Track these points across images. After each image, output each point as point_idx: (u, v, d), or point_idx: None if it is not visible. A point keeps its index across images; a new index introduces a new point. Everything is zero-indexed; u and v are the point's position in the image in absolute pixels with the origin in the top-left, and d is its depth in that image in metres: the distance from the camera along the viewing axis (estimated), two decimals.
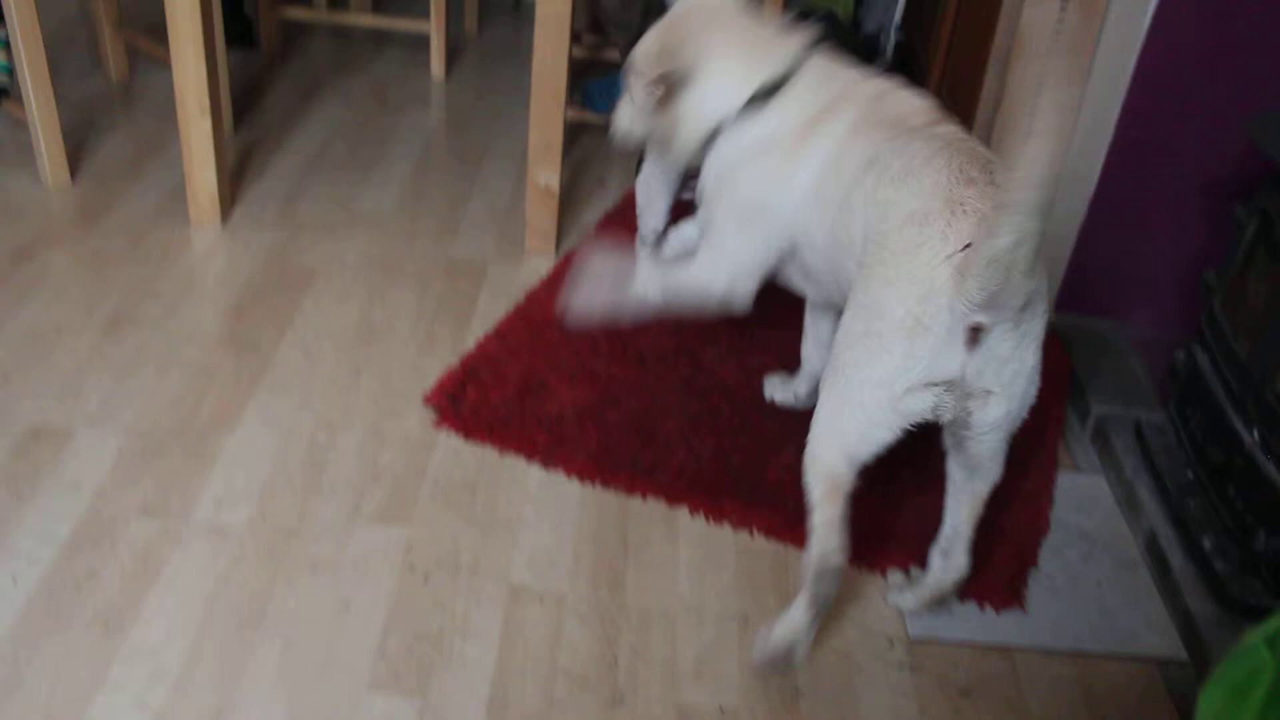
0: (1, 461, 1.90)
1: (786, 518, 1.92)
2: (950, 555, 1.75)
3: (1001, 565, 1.87)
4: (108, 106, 3.15)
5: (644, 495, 1.98)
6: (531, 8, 2.69)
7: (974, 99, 2.71)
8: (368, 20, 3.79)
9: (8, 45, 2.69)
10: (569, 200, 2.84)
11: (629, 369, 2.24)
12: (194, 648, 1.62)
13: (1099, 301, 2.44)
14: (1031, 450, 2.13)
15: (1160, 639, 1.79)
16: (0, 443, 1.94)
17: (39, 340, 2.20)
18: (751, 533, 1.92)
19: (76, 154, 2.85)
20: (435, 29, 3.52)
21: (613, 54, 3.14)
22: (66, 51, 3.41)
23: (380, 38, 3.83)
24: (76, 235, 2.54)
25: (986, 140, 2.61)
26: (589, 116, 3.06)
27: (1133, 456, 2.10)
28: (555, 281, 2.49)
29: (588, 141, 3.21)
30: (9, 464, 1.90)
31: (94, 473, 1.90)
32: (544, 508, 1.94)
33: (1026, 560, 1.90)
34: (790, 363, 2.22)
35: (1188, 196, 2.29)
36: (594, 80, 3.13)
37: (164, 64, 2.59)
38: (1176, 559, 1.88)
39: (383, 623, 1.69)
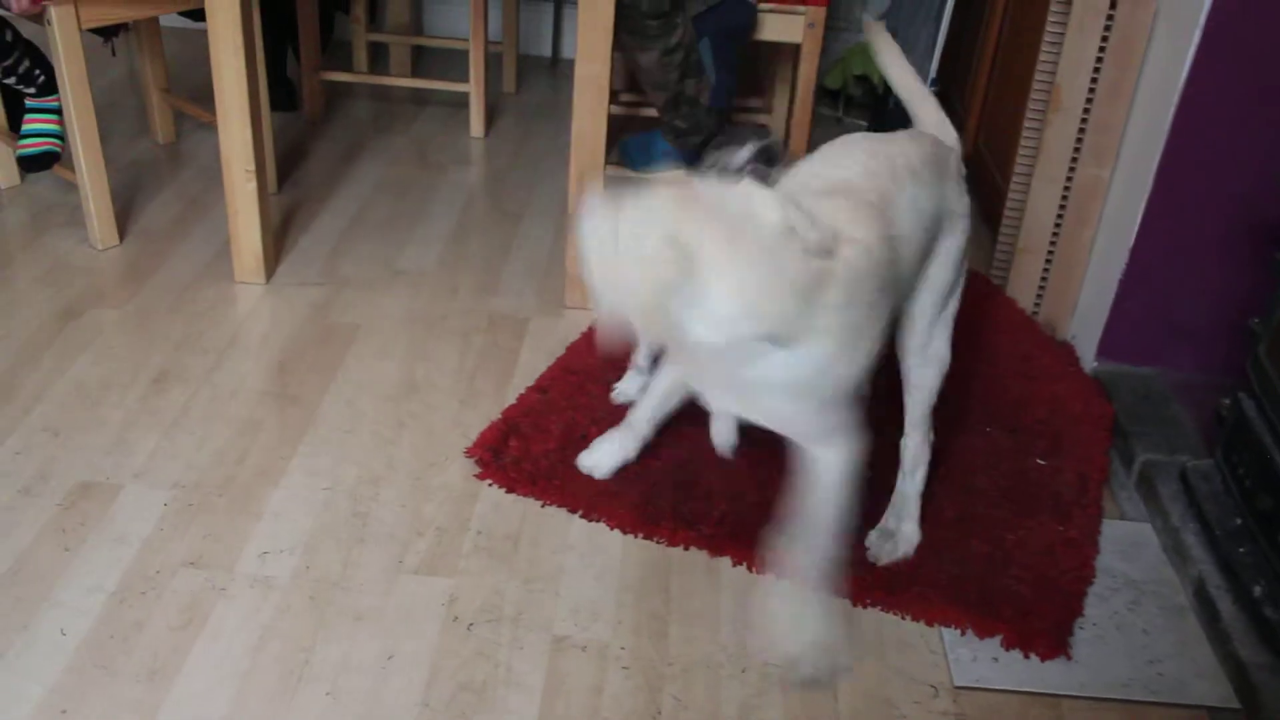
0: (50, 515, 1.93)
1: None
2: None
3: (1047, 613, 1.85)
4: (155, 169, 3.21)
5: (686, 546, 1.98)
6: (569, 67, 2.74)
7: (1011, 153, 2.72)
8: (407, 82, 3.85)
9: (60, 112, 2.76)
10: None
11: (669, 420, 2.24)
12: (239, 698, 1.63)
13: (1142, 349, 2.43)
14: (1076, 498, 2.11)
15: (1210, 686, 1.77)
16: (49, 497, 1.97)
17: (87, 396, 2.23)
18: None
19: (125, 215, 2.90)
20: (474, 89, 3.57)
21: (650, 112, 3.17)
22: (115, 116, 3.49)
23: (420, 98, 3.89)
24: (124, 294, 2.59)
25: (1024, 192, 2.61)
26: (627, 173, 3.09)
27: (1179, 503, 2.08)
28: (595, 335, 2.51)
29: None
30: (58, 517, 1.93)
31: (141, 526, 1.92)
32: (586, 559, 1.94)
33: (1072, 608, 1.88)
34: None
35: (1230, 243, 2.28)
36: (632, 137, 3.16)
37: (210, 127, 2.65)
38: (1226, 606, 1.85)
39: (426, 673, 1.69)
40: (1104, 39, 2.37)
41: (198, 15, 2.59)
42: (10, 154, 2.96)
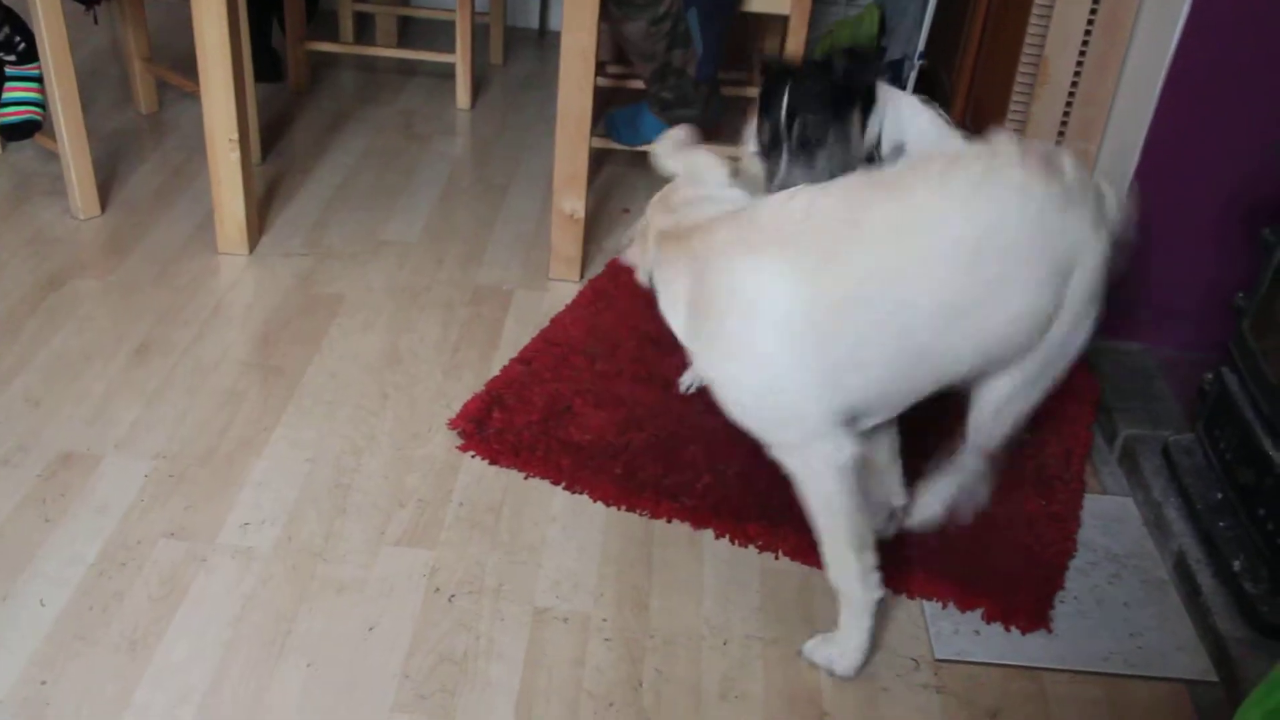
0: (31, 485, 1.92)
1: (811, 540, 1.91)
2: None
3: (1028, 587, 1.86)
4: (137, 138, 3.19)
5: (669, 518, 1.98)
6: (556, 38, 2.72)
7: (998, 126, 2.71)
8: (393, 52, 3.82)
9: (41, 80, 2.74)
10: (593, 226, 2.85)
11: (653, 393, 2.24)
12: (220, 669, 1.63)
13: (1126, 325, 2.43)
14: (1059, 472, 2.11)
15: (1189, 660, 1.77)
16: (30, 467, 1.96)
17: (69, 367, 2.22)
18: (776, 555, 1.92)
19: (107, 185, 2.88)
20: (461, 60, 3.54)
21: (637, 83, 3.15)
22: (97, 85, 3.45)
23: (406, 69, 3.86)
24: (106, 264, 2.57)
25: None
26: (613, 145, 3.08)
27: (1161, 478, 2.08)
28: (580, 307, 2.50)
29: (611, 169, 3.23)
30: (38, 488, 1.92)
31: (122, 496, 1.92)
32: (569, 530, 1.94)
33: (1054, 582, 1.89)
34: None
35: (1216, 219, 2.28)
36: (618, 109, 3.14)
37: (193, 97, 2.63)
38: (1206, 580, 1.86)
39: (407, 644, 1.69)
40: (1092, 11, 2.36)
41: None
42: None
